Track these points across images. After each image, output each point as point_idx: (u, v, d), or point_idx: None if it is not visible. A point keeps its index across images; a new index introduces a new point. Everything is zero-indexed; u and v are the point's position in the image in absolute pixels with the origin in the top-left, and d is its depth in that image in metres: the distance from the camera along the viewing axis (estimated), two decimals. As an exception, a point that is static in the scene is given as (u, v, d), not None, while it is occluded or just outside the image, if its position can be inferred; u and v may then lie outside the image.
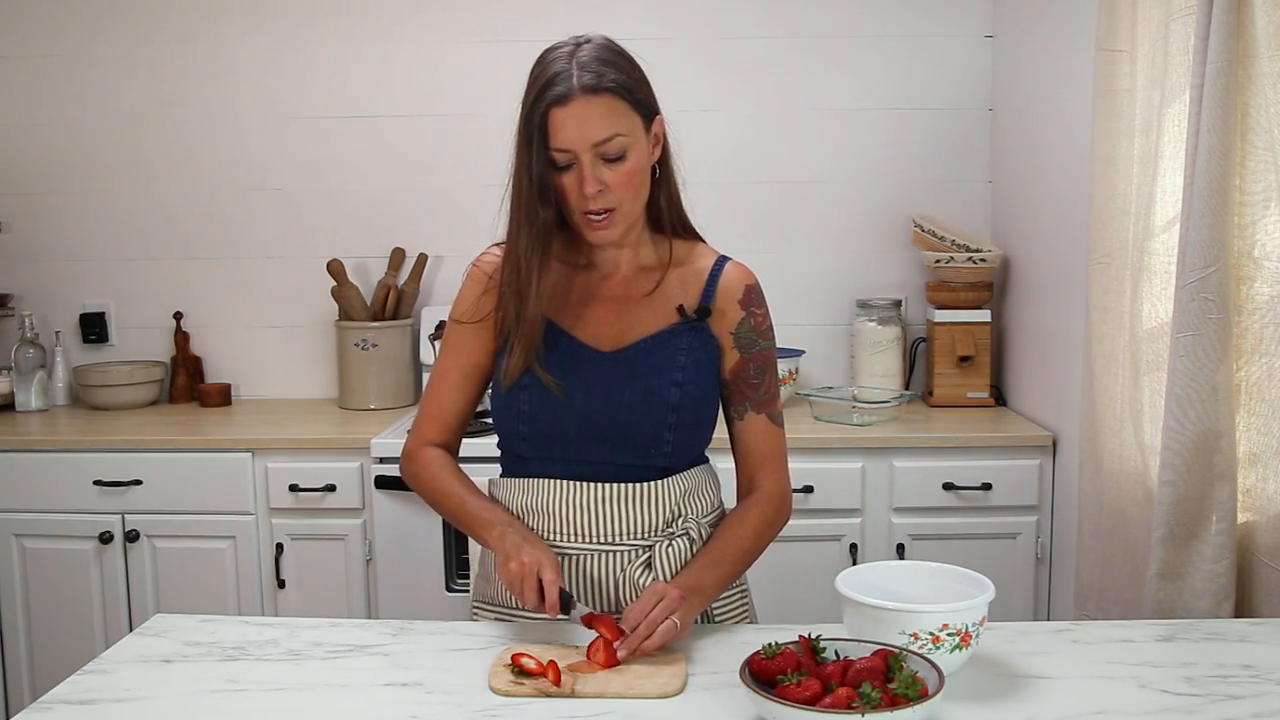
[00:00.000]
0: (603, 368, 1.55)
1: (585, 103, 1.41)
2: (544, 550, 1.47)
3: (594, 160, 1.44)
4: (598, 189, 1.44)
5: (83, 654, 1.89)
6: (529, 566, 1.43)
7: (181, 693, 1.33)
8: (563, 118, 1.41)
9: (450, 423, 1.64)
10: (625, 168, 1.45)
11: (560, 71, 1.42)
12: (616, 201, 1.47)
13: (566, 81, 1.41)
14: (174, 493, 2.81)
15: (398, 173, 3.30)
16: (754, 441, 1.61)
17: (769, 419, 1.61)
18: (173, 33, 3.27)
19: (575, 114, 1.41)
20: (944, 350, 3.06)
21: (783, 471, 1.63)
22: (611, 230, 1.50)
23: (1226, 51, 1.72)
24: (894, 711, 1.11)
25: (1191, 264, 1.79)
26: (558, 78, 1.42)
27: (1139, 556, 2.00)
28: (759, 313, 1.61)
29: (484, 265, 1.61)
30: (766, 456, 1.61)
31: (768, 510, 1.59)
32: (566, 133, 1.42)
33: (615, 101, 1.43)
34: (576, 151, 1.43)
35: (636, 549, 1.54)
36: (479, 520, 1.54)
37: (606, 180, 1.45)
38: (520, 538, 1.48)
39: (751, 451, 1.61)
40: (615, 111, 1.43)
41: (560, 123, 1.42)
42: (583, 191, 1.45)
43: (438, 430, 1.64)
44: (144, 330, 3.39)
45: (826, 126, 3.25)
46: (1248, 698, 1.27)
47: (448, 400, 1.63)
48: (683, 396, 1.54)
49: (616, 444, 1.54)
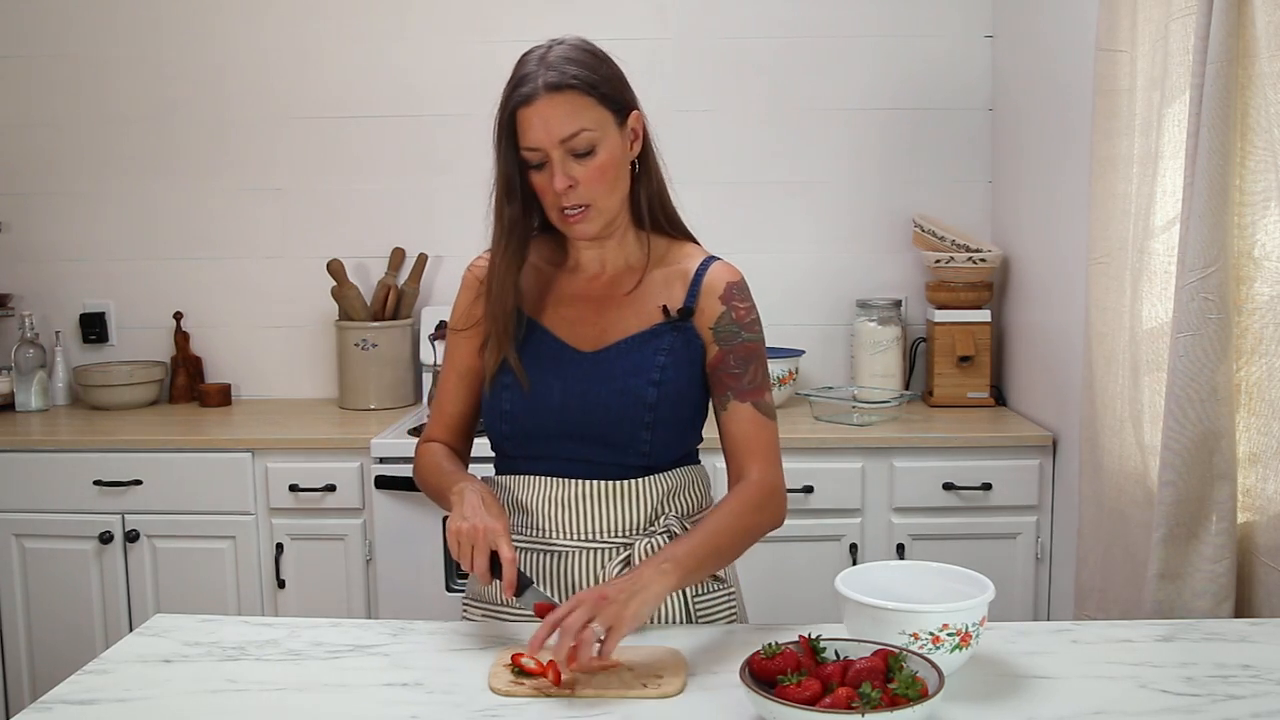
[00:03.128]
0: (581, 367, 1.56)
1: (549, 100, 1.44)
2: (500, 520, 1.44)
3: (564, 157, 1.46)
4: (568, 184, 1.46)
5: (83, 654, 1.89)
6: (481, 532, 1.41)
7: (181, 693, 1.33)
8: (529, 116, 1.45)
9: (452, 424, 1.67)
10: (595, 163, 1.47)
11: (528, 73, 1.46)
12: (590, 197, 1.49)
13: (532, 81, 1.45)
14: (174, 493, 2.81)
15: (398, 173, 3.30)
16: (739, 430, 1.56)
17: (755, 408, 1.56)
18: (172, 33, 3.27)
19: (540, 112, 1.44)
20: (944, 350, 3.06)
21: (771, 463, 1.56)
22: (588, 224, 1.51)
23: (1226, 51, 1.72)
24: (894, 711, 1.11)
25: (1191, 264, 1.78)
26: (525, 79, 1.46)
27: (1139, 556, 2.00)
28: (741, 306, 1.59)
29: (476, 271, 1.64)
30: (753, 446, 1.55)
31: (750, 494, 1.53)
32: (534, 131, 1.45)
33: (579, 98, 1.45)
34: (545, 149, 1.46)
35: (616, 546, 1.55)
36: (449, 485, 1.53)
37: (577, 176, 1.47)
38: (479, 500, 1.46)
39: (737, 441, 1.56)
40: (580, 107, 1.45)
41: (528, 122, 1.45)
42: (554, 189, 1.47)
43: (441, 430, 1.68)
44: (144, 330, 3.39)
45: (826, 126, 3.25)
46: (1248, 698, 1.27)
47: (448, 403, 1.67)
48: (660, 396, 1.54)
49: (595, 442, 1.55)
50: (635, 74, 1.56)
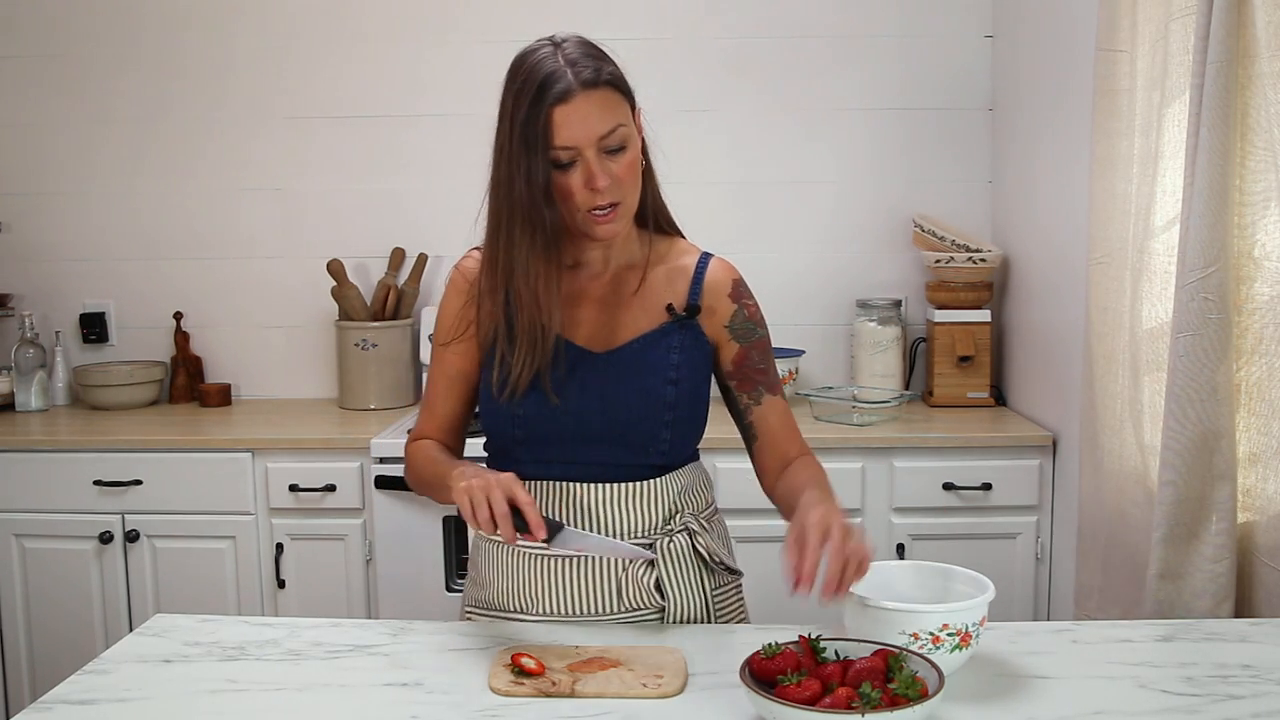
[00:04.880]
0: (596, 369, 1.54)
1: (587, 97, 1.41)
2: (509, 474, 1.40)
3: (598, 155, 1.43)
4: (608, 182, 1.43)
5: (83, 654, 1.89)
6: (492, 481, 1.35)
7: (181, 693, 1.33)
8: (566, 115, 1.40)
9: (444, 424, 1.63)
10: (627, 159, 1.46)
11: (553, 70, 1.41)
12: (621, 194, 1.47)
13: (564, 79, 1.40)
14: (174, 493, 2.81)
15: (398, 173, 3.30)
16: (778, 421, 1.61)
17: (782, 399, 1.63)
18: (172, 33, 3.28)
19: (579, 109, 1.40)
20: (944, 350, 3.06)
21: (808, 446, 1.63)
22: (617, 223, 1.49)
23: (1226, 51, 1.72)
24: (894, 711, 1.11)
25: (1191, 264, 1.78)
26: (553, 77, 1.40)
27: (1139, 556, 2.00)
28: (750, 304, 1.62)
29: (466, 272, 1.60)
30: (793, 434, 1.62)
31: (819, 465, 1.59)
32: (570, 130, 1.41)
33: (613, 94, 1.44)
34: (581, 148, 1.42)
35: (638, 547, 1.54)
36: (446, 471, 1.46)
37: (612, 173, 1.45)
38: (479, 468, 1.42)
39: (777, 431, 1.61)
40: (614, 103, 1.44)
41: (564, 120, 1.40)
42: (592, 187, 1.43)
43: (433, 429, 1.63)
44: (144, 330, 3.39)
45: (826, 126, 3.25)
46: (1248, 698, 1.27)
47: (438, 403, 1.63)
48: (678, 394, 1.55)
49: (614, 444, 1.54)
50: (635, 74, 1.55)
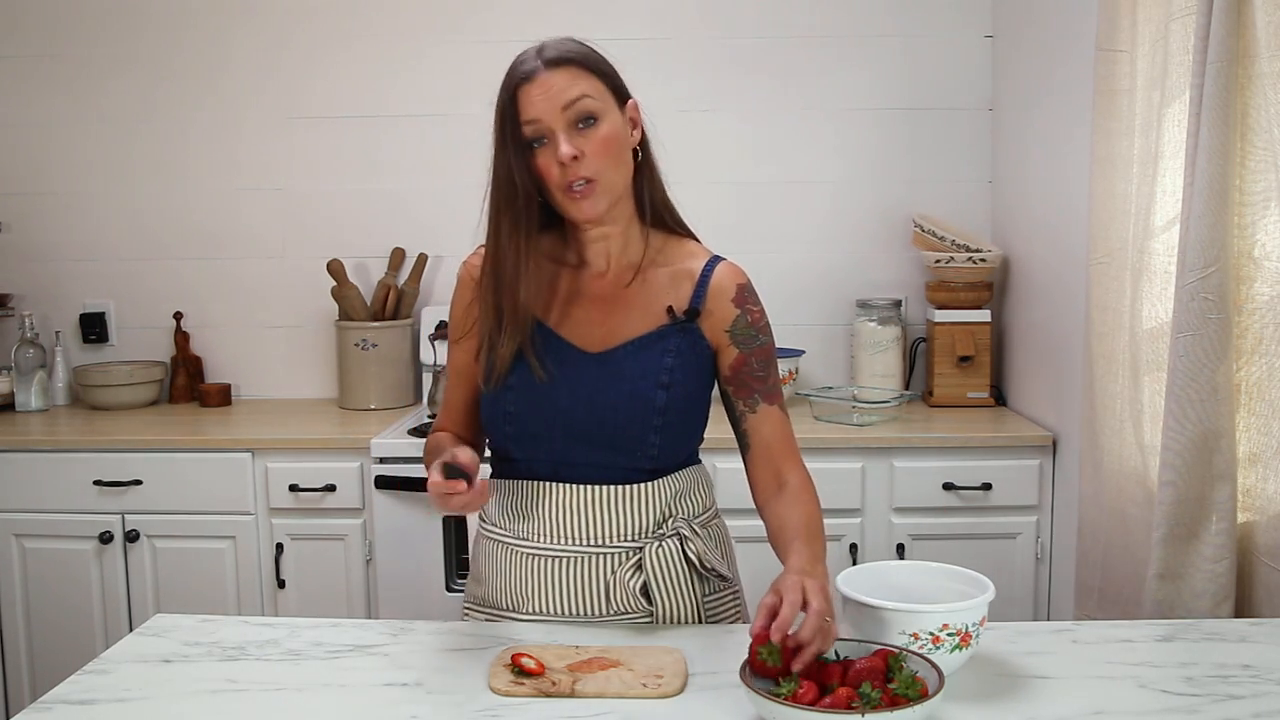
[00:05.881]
0: (588, 369, 1.55)
1: (549, 74, 1.46)
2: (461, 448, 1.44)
3: (568, 128, 1.46)
4: (573, 154, 1.45)
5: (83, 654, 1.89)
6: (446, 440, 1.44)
7: (181, 693, 1.33)
8: (528, 91, 1.46)
9: (459, 417, 1.67)
10: (599, 134, 1.47)
11: (524, 58, 1.49)
12: (595, 170, 1.47)
13: (530, 62, 1.47)
14: (174, 493, 2.81)
15: (398, 173, 3.30)
16: (772, 432, 1.59)
17: (780, 410, 1.61)
18: (172, 32, 3.27)
19: (541, 85, 1.45)
20: (944, 350, 3.06)
21: (801, 461, 1.61)
22: (594, 201, 1.49)
23: (1226, 51, 1.72)
24: (894, 711, 1.11)
25: (1191, 264, 1.79)
26: (522, 62, 1.49)
27: (1139, 556, 2.00)
28: (755, 310, 1.60)
29: (472, 270, 1.62)
30: (787, 447, 1.60)
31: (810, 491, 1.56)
32: (533, 105, 1.46)
33: (578, 69, 1.47)
34: (546, 121, 1.45)
35: (627, 551, 1.54)
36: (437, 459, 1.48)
37: (582, 147, 1.46)
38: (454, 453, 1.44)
39: (771, 443, 1.59)
40: (579, 76, 1.47)
41: (527, 97, 1.46)
42: (560, 160, 1.45)
43: (449, 421, 1.68)
44: (144, 330, 3.39)
45: (827, 126, 3.25)
46: (1248, 698, 1.27)
47: (454, 397, 1.67)
48: (669, 399, 1.54)
49: (602, 446, 1.54)
50: (635, 74, 1.56)
